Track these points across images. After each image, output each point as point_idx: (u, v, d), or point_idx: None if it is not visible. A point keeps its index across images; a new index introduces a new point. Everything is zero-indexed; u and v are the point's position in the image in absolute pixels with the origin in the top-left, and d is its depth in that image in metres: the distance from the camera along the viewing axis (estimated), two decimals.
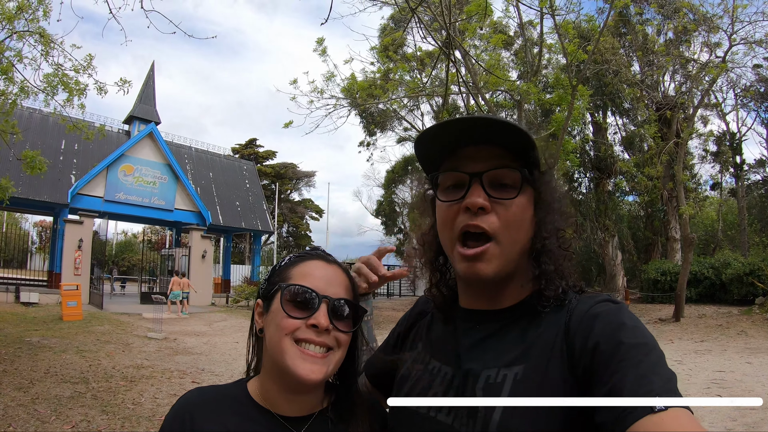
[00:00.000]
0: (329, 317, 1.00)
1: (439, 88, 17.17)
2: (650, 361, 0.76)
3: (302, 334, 0.99)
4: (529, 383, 0.87)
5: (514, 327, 0.97)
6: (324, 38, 14.98)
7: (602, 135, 24.56)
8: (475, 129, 0.96)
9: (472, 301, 1.04)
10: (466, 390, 0.94)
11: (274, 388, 1.04)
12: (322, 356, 0.99)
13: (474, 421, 0.89)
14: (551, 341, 0.90)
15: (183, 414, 1.00)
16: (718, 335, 13.95)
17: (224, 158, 30.28)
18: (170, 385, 7.65)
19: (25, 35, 8.25)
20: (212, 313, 19.51)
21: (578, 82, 12.89)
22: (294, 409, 1.04)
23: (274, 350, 1.00)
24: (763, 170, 27.73)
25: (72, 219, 19.56)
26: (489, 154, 0.96)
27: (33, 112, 20.76)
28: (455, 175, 0.98)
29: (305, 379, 0.96)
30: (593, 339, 0.83)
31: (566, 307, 0.94)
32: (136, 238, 57.20)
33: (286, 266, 1.09)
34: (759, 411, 6.59)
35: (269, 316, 1.04)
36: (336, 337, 1.01)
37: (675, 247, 23.32)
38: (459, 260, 0.96)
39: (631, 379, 0.73)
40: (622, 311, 0.87)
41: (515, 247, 0.95)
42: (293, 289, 1.02)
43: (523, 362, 0.90)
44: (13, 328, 11.63)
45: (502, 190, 0.95)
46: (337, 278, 1.07)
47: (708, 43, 16.21)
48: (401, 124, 33.91)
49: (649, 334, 0.82)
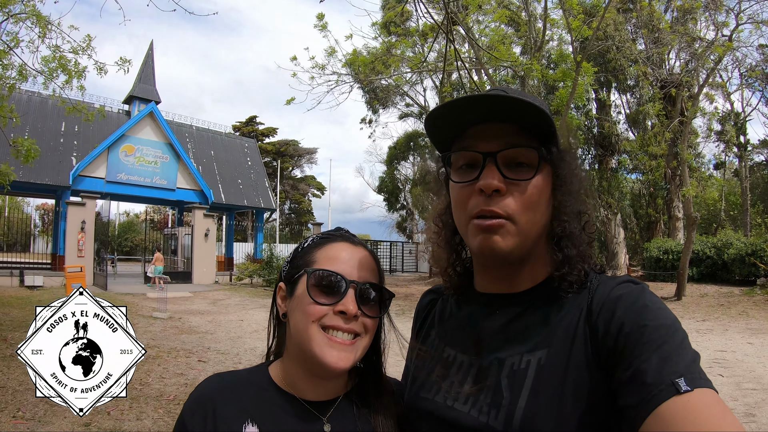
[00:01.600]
0: (357, 303, 0.97)
1: (442, 64, 16.96)
2: (674, 342, 0.75)
3: (330, 320, 0.96)
4: (553, 368, 0.86)
5: (534, 311, 0.95)
6: (324, 14, 14.75)
7: (606, 112, 24.36)
8: (488, 106, 0.91)
9: (488, 284, 1.02)
10: (488, 378, 0.92)
11: (299, 373, 1.01)
12: (351, 343, 0.97)
13: (497, 409, 0.88)
14: (574, 324, 0.89)
15: (204, 402, 0.98)
16: (720, 315, 14.02)
17: (225, 136, 30.14)
18: (177, 365, 7.73)
19: (21, 18, 8.14)
20: (216, 292, 19.65)
21: (582, 58, 12.71)
22: (319, 394, 1.02)
23: (301, 337, 0.98)
24: (767, 151, 27.54)
25: (74, 201, 19.57)
26: (503, 131, 0.91)
27: (32, 95, 20.62)
28: (468, 155, 0.94)
29: (333, 366, 0.94)
30: (616, 321, 0.82)
31: (587, 288, 0.93)
32: (139, 218, 57.37)
33: (309, 248, 1.05)
34: (759, 392, 6.67)
35: (294, 301, 1.01)
36: (363, 323, 0.99)
37: (677, 225, 23.31)
38: (474, 233, 0.92)
39: (655, 361, 0.73)
40: (644, 292, 0.86)
41: (533, 228, 0.92)
42: (319, 274, 0.98)
43: (546, 347, 0.89)
44: (18, 311, 11.74)
45: (518, 170, 0.91)
46: (363, 261, 1.03)
47: (714, 21, 15.93)
48: (403, 100, 33.68)
49: (672, 315, 0.81)
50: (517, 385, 0.88)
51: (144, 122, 23.16)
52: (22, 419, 5.06)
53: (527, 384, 0.87)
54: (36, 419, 5.08)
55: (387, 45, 16.37)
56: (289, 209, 54.50)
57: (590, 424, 0.81)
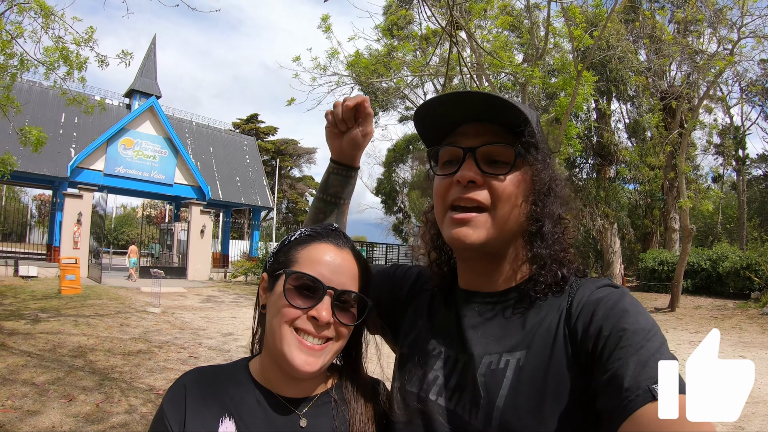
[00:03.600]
0: (332, 310, 0.97)
1: (444, 69, 16.99)
2: (652, 347, 0.76)
3: (302, 324, 0.96)
4: (532, 369, 0.87)
5: (514, 311, 0.96)
6: (329, 15, 14.76)
7: (605, 121, 24.41)
8: (474, 106, 0.96)
9: (470, 281, 1.04)
10: (467, 374, 0.93)
11: (274, 369, 1.01)
12: (320, 348, 0.97)
13: (477, 408, 0.89)
14: (553, 327, 0.89)
15: (182, 394, 0.98)
16: (713, 327, 13.99)
17: (225, 133, 30.09)
18: (168, 359, 7.73)
19: (26, 8, 8.14)
20: (210, 288, 19.62)
21: (584, 67, 12.74)
22: (295, 391, 1.02)
23: (273, 335, 0.98)
24: (765, 165, 27.67)
25: (71, 193, 19.49)
26: (486, 130, 0.96)
27: (33, 85, 20.56)
28: (451, 150, 0.99)
29: (299, 369, 0.95)
30: (595, 324, 0.83)
31: (567, 291, 0.94)
32: (135, 212, 57.24)
33: (295, 244, 1.05)
34: (750, 405, 6.68)
35: (272, 297, 1.01)
36: (337, 330, 0.99)
37: (673, 237, 23.37)
38: (448, 225, 0.96)
39: (632, 366, 0.73)
40: (624, 296, 0.87)
41: (506, 223, 0.95)
42: (297, 277, 0.98)
43: (525, 348, 0.90)
44: (11, 301, 11.70)
45: (495, 166, 0.95)
46: (345, 266, 1.02)
47: (716, 34, 16.00)
48: (404, 103, 33.70)
49: (651, 320, 0.82)
50: (494, 384, 0.89)
51: (144, 116, 23.12)
52: (11, 408, 5.05)
53: (505, 384, 0.88)
54: (25, 409, 5.07)
55: (389, 48, 16.40)
56: (286, 208, 54.48)
57: (569, 425, 0.82)
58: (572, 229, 1.02)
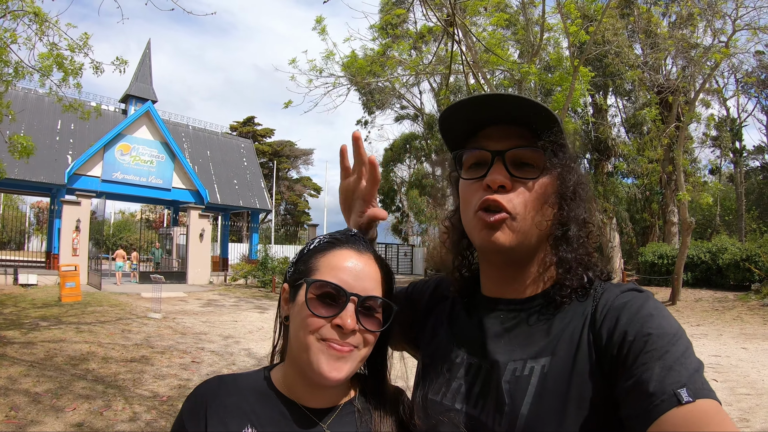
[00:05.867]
0: (356, 317, 0.94)
1: (440, 67, 16.97)
2: (677, 351, 0.75)
3: (327, 333, 0.93)
4: (557, 376, 0.86)
5: (539, 317, 0.95)
6: (324, 17, 14.75)
7: (602, 116, 24.44)
8: (501, 108, 0.94)
9: (494, 288, 1.02)
10: (491, 381, 0.93)
11: (298, 379, 0.99)
12: (348, 351, 0.94)
13: (501, 415, 0.88)
14: (578, 332, 0.89)
15: (203, 402, 0.96)
16: (714, 320, 14.08)
17: (222, 136, 30.06)
18: (170, 365, 7.70)
19: (20, 15, 8.11)
20: (210, 292, 19.58)
21: (580, 62, 12.74)
22: (319, 401, 1.00)
23: (298, 346, 0.96)
24: (762, 157, 27.73)
25: (69, 200, 19.43)
26: (514, 133, 0.95)
27: (28, 92, 20.55)
28: (478, 153, 0.97)
29: (327, 376, 0.92)
30: (620, 329, 0.82)
31: (591, 296, 0.93)
32: (134, 217, 57.15)
33: (314, 252, 1.02)
34: (753, 396, 6.69)
35: (295, 307, 0.99)
36: (363, 337, 0.96)
37: (673, 230, 23.40)
38: (478, 228, 0.94)
39: (657, 371, 0.73)
40: (648, 300, 0.86)
41: (535, 227, 0.93)
42: (318, 285, 0.95)
43: (550, 354, 0.89)
44: (11, 310, 11.67)
45: (524, 169, 0.94)
46: (367, 271, 0.99)
47: (711, 26, 16.01)
48: (400, 102, 33.75)
49: (676, 324, 0.81)
50: (519, 391, 0.88)
51: (140, 121, 23.06)
52: (14, 419, 5.02)
53: (530, 391, 0.87)
54: (28, 419, 5.04)
55: (384, 47, 16.38)
56: (284, 210, 54.47)
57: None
58: (595, 233, 1.01)
